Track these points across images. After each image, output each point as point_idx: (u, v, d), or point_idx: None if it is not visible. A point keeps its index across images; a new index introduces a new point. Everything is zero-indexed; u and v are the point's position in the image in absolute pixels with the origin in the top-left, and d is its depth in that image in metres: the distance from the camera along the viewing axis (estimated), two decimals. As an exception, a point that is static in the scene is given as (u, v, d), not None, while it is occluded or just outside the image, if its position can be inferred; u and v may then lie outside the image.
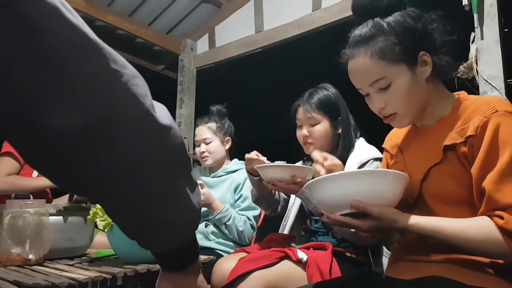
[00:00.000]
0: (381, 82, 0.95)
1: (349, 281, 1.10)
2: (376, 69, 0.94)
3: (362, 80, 0.98)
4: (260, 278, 1.28)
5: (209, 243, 1.92)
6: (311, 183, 0.92)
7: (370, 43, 0.94)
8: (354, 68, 0.99)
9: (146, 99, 0.50)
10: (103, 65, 0.45)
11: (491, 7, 1.84)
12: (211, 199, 1.88)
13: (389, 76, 0.94)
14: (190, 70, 3.38)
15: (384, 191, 0.87)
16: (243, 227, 1.90)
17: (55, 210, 1.27)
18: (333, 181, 0.88)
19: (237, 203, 2.00)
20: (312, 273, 1.29)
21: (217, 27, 3.31)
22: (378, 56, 0.93)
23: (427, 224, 0.87)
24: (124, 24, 3.06)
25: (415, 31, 0.94)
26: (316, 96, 1.58)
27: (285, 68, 3.99)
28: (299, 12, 2.71)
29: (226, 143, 2.11)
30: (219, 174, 2.11)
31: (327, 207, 0.91)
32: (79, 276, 0.97)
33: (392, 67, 0.93)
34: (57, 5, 0.43)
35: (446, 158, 0.92)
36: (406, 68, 0.94)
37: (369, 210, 0.85)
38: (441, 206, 0.93)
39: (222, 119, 2.13)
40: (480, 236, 0.82)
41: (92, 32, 0.46)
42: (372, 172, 0.90)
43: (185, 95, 3.34)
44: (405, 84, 0.94)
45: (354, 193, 0.86)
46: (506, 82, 1.78)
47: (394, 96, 0.95)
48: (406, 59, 0.94)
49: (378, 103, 0.98)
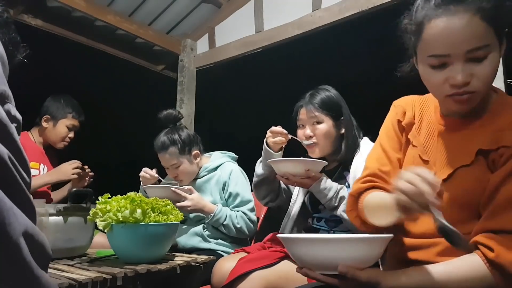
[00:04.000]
0: (482, 51, 0.80)
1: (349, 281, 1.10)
2: (484, 33, 0.79)
3: (461, 43, 0.80)
4: (260, 278, 1.28)
5: (209, 244, 1.91)
6: (294, 239, 0.89)
7: (483, 0, 0.79)
8: (453, 26, 0.80)
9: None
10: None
11: (491, 7, 1.84)
12: (201, 204, 1.83)
13: (491, 46, 0.80)
14: (190, 70, 3.38)
15: (373, 254, 0.85)
16: (240, 223, 1.88)
17: (55, 210, 1.27)
18: (321, 244, 0.84)
19: (228, 202, 1.96)
20: (312, 273, 1.29)
21: (217, 27, 3.31)
22: (490, 18, 0.78)
23: (412, 281, 0.83)
24: (124, 24, 3.06)
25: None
26: (318, 96, 1.58)
27: (285, 68, 4.00)
28: (299, 12, 2.71)
29: (194, 158, 1.99)
30: (201, 175, 2.03)
31: (308, 265, 0.88)
32: (79, 276, 0.97)
33: (495, 36, 0.80)
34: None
35: (477, 161, 0.87)
36: (498, 44, 0.82)
37: (356, 276, 0.81)
38: (459, 211, 0.88)
39: (181, 134, 1.96)
40: (468, 277, 0.80)
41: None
42: (363, 239, 0.85)
43: (185, 95, 3.34)
44: (498, 59, 0.82)
45: (342, 257, 0.82)
46: (506, 82, 1.78)
47: (486, 71, 0.81)
48: (504, 32, 0.81)
49: (465, 76, 0.81)
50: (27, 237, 0.42)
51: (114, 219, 1.14)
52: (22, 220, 0.42)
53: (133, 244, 1.16)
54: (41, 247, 0.45)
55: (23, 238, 0.41)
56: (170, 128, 2.00)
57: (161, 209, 1.22)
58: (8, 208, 0.40)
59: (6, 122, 0.44)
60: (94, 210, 1.18)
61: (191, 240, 1.93)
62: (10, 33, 0.61)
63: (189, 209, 1.82)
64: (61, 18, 2.89)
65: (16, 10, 2.71)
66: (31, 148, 2.24)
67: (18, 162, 0.45)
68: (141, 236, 1.15)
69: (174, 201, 1.80)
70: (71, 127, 2.34)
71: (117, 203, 1.16)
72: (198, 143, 2.04)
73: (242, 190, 1.95)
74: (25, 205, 0.43)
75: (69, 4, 2.73)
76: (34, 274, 0.42)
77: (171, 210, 1.25)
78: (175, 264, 1.18)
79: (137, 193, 1.23)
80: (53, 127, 2.30)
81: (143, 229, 1.14)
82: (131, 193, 1.21)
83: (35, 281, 0.42)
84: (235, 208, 1.93)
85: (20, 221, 0.41)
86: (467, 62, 0.81)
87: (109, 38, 3.17)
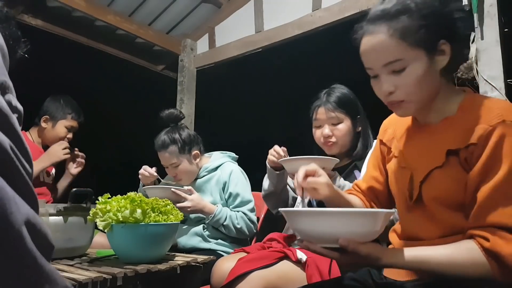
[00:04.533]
0: (396, 64, 0.89)
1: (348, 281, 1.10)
2: (394, 49, 0.88)
3: (377, 59, 0.91)
4: (259, 278, 1.28)
5: (209, 244, 1.91)
6: (296, 212, 0.90)
7: (393, 20, 0.88)
8: (370, 44, 0.91)
9: None
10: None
11: (491, 7, 1.84)
12: (201, 205, 1.83)
13: (406, 59, 0.88)
14: (190, 70, 3.38)
15: (373, 229, 0.85)
16: (240, 224, 1.88)
17: (55, 210, 1.27)
18: (322, 217, 0.85)
19: (228, 202, 1.96)
20: (312, 273, 1.29)
21: (217, 27, 3.31)
22: (399, 35, 0.87)
23: (411, 258, 0.85)
24: (124, 24, 3.06)
25: (442, 16, 0.88)
26: (335, 95, 1.59)
27: (285, 68, 4.00)
28: (299, 12, 2.71)
29: (194, 158, 1.98)
30: (201, 175, 2.02)
31: (309, 238, 0.89)
32: (79, 276, 0.97)
33: (411, 50, 0.87)
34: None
35: (449, 161, 0.90)
36: (424, 54, 0.88)
37: (357, 249, 0.83)
38: (440, 209, 0.92)
39: (181, 133, 1.96)
40: (466, 262, 0.81)
41: None
42: (365, 213, 0.86)
43: (185, 95, 3.34)
44: (420, 70, 0.88)
45: (343, 231, 0.83)
46: (506, 82, 1.78)
47: (406, 82, 0.89)
48: (427, 44, 0.88)
49: (387, 86, 0.91)
50: (29, 226, 0.42)
51: (114, 219, 1.14)
52: (24, 210, 0.42)
53: (133, 244, 1.16)
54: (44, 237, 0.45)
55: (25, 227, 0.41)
56: (171, 127, 2.00)
57: (161, 209, 1.22)
58: (10, 197, 0.40)
59: (7, 112, 0.44)
60: (94, 210, 1.18)
61: (191, 240, 1.93)
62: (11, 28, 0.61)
63: (189, 210, 1.82)
64: (61, 18, 2.89)
65: (16, 10, 2.71)
66: (30, 147, 2.23)
67: (20, 152, 0.45)
68: (141, 236, 1.15)
69: (174, 202, 1.82)
70: (70, 128, 2.33)
71: (117, 203, 1.16)
72: (198, 143, 2.03)
73: (242, 190, 1.95)
74: (27, 194, 0.44)
75: (69, 4, 2.73)
76: (37, 263, 0.42)
77: (171, 210, 1.25)
78: (175, 264, 1.18)
79: (137, 193, 1.23)
80: (52, 127, 2.30)
81: (143, 229, 1.15)
82: (131, 193, 1.21)
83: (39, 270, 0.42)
84: (235, 208, 1.93)
85: (22, 210, 0.41)
86: (390, 74, 0.90)
87: (109, 38, 3.17)
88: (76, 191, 1.39)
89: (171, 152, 1.92)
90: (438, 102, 0.96)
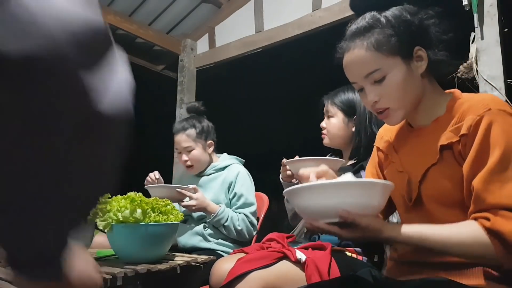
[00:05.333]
0: (376, 74, 0.94)
1: (348, 281, 1.10)
2: (371, 60, 0.94)
3: (357, 72, 0.97)
4: (258, 279, 1.28)
5: (209, 244, 1.91)
6: (296, 189, 0.89)
7: (366, 35, 0.94)
8: (349, 60, 0.98)
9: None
10: None
11: (491, 7, 1.84)
12: (205, 203, 1.85)
13: (384, 68, 0.93)
14: (190, 70, 3.38)
15: (372, 201, 0.86)
16: (241, 226, 1.89)
17: (55, 210, 1.27)
18: (323, 190, 0.86)
19: (232, 202, 1.97)
20: (311, 273, 1.29)
21: (217, 27, 3.31)
22: (374, 47, 0.93)
23: (413, 233, 0.86)
24: (124, 24, 3.06)
25: (412, 25, 0.94)
26: (337, 91, 1.67)
27: (285, 68, 4.00)
28: (299, 12, 2.71)
29: (209, 147, 2.03)
30: (208, 172, 2.05)
31: (312, 214, 0.89)
32: (79, 276, 0.96)
33: (387, 59, 0.93)
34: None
35: (443, 158, 0.92)
36: (401, 62, 0.94)
37: (357, 221, 0.84)
38: (439, 208, 0.93)
39: (201, 122, 2.03)
40: (468, 240, 0.82)
41: None
42: (361, 183, 0.87)
43: (185, 95, 3.34)
44: (399, 77, 0.93)
45: (342, 203, 0.84)
46: (506, 82, 1.78)
47: (388, 89, 0.94)
48: (402, 52, 0.93)
49: (372, 96, 0.96)
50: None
51: (114, 219, 1.14)
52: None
53: (133, 244, 1.16)
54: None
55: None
56: (192, 116, 2.08)
57: (161, 209, 1.22)
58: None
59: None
60: (94, 210, 1.19)
61: (192, 239, 1.93)
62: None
63: (194, 208, 1.84)
64: (61, 18, 2.89)
65: (16, 10, 2.71)
66: None
67: None
68: (141, 236, 1.15)
69: (179, 201, 1.83)
70: None
71: (117, 203, 1.17)
72: (214, 137, 2.09)
73: (247, 192, 1.96)
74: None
75: (69, 4, 2.74)
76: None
77: (171, 210, 1.25)
78: (175, 264, 1.18)
79: (137, 193, 1.23)
80: None
81: (143, 229, 1.15)
82: (131, 193, 1.21)
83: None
84: (238, 209, 1.94)
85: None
86: (372, 84, 0.96)
87: (109, 38, 3.18)
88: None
89: (189, 134, 1.98)
90: (425, 105, 0.99)
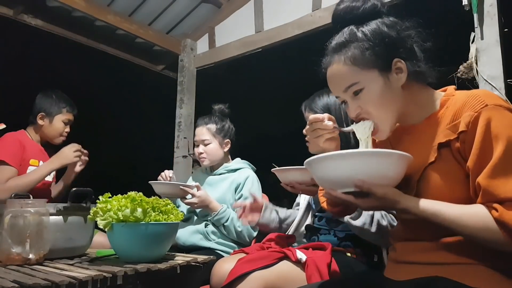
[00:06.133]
0: (354, 87, 0.96)
1: (348, 281, 1.10)
2: (349, 74, 0.96)
3: (338, 86, 1.00)
4: (259, 279, 1.28)
5: (209, 243, 1.92)
6: (315, 159, 0.92)
7: (344, 49, 0.97)
8: (330, 75, 1.01)
9: None
10: None
11: (491, 7, 1.84)
12: (207, 201, 1.88)
13: (362, 82, 0.96)
14: (190, 70, 3.38)
15: (388, 171, 0.87)
16: (241, 227, 1.91)
17: (55, 210, 1.27)
18: (338, 160, 0.88)
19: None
20: (311, 273, 1.29)
21: (217, 27, 3.31)
22: (351, 61, 0.96)
23: (427, 206, 0.88)
24: (124, 24, 3.06)
25: (388, 38, 0.95)
26: (314, 97, 1.60)
27: (285, 68, 4.00)
28: (299, 12, 2.71)
29: (225, 145, 2.11)
30: (219, 171, 2.11)
31: (329, 184, 0.92)
32: (79, 274, 0.97)
33: (364, 72, 0.95)
34: None
35: (441, 156, 0.92)
36: (379, 74, 0.95)
37: (373, 190, 0.86)
38: None
39: (223, 121, 2.13)
40: (478, 223, 0.83)
41: None
42: (377, 152, 0.89)
43: (185, 95, 3.34)
44: (377, 90, 0.95)
45: (359, 172, 0.86)
46: (506, 82, 1.78)
47: (367, 102, 0.97)
48: (378, 65, 0.95)
49: (353, 109, 0.99)
50: None
51: (114, 218, 1.14)
52: None
53: (134, 243, 1.16)
54: None
55: None
56: (216, 114, 2.16)
57: (161, 209, 1.22)
58: None
59: None
60: (95, 209, 1.18)
61: (192, 238, 1.94)
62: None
63: (195, 206, 1.87)
64: (61, 18, 2.89)
65: (16, 10, 2.71)
66: (30, 145, 2.23)
67: None
68: (142, 235, 1.15)
69: (182, 197, 1.85)
70: (67, 121, 2.33)
71: (117, 202, 1.16)
72: (232, 138, 2.15)
73: None
74: None
75: (69, 4, 2.73)
76: None
77: (171, 209, 1.25)
78: (175, 263, 1.18)
79: (137, 192, 1.23)
80: (49, 123, 2.28)
81: (144, 228, 1.15)
82: (131, 192, 1.21)
83: None
84: None
85: None
86: (352, 98, 0.99)
87: (109, 38, 3.18)
88: (76, 190, 1.38)
89: (209, 128, 2.08)
90: (414, 106, 1.00)
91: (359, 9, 0.98)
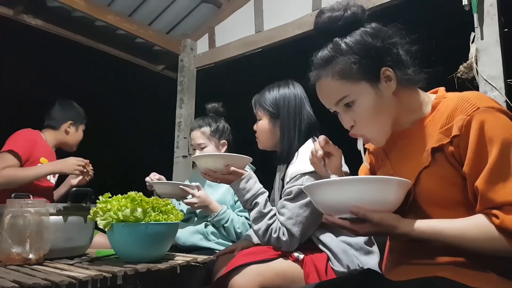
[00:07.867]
0: (345, 100, 0.96)
1: (348, 281, 1.10)
2: (338, 88, 0.96)
3: (329, 100, 1.00)
4: (256, 274, 1.28)
5: (209, 243, 1.92)
6: (313, 185, 0.92)
7: (329, 65, 0.96)
8: (319, 89, 1.01)
9: None
10: None
11: (491, 7, 1.84)
12: (207, 201, 1.87)
13: (352, 94, 0.95)
14: (190, 70, 3.38)
15: (386, 198, 0.86)
16: (241, 229, 1.91)
17: (55, 210, 1.27)
18: (334, 186, 0.88)
19: (237, 204, 2.00)
20: (309, 271, 1.30)
21: (217, 27, 3.31)
22: (339, 76, 0.95)
23: (426, 228, 0.87)
24: (124, 24, 3.06)
25: (372, 49, 0.94)
26: (264, 91, 1.62)
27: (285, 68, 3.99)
28: (299, 12, 2.71)
29: (221, 146, 2.08)
30: None
31: (326, 210, 0.92)
32: (79, 274, 0.96)
33: (353, 85, 0.95)
34: None
35: (435, 160, 0.92)
36: (369, 86, 0.95)
37: (368, 217, 0.85)
38: (436, 210, 0.92)
39: (217, 121, 2.09)
40: (481, 235, 0.83)
41: None
42: (374, 179, 0.89)
43: (185, 95, 3.34)
44: (369, 101, 0.95)
45: (355, 199, 0.85)
46: (506, 82, 1.78)
47: (360, 114, 0.96)
48: (367, 76, 0.94)
49: (347, 121, 0.99)
50: None
51: (114, 218, 1.14)
52: None
53: (133, 243, 1.16)
54: None
55: None
56: (210, 115, 2.13)
57: (161, 209, 1.22)
58: None
59: None
60: (95, 209, 1.18)
61: (192, 238, 1.95)
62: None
63: (195, 206, 1.86)
64: (61, 18, 2.89)
65: (16, 10, 2.71)
66: (42, 145, 2.31)
67: None
68: (142, 235, 1.15)
69: (182, 198, 1.85)
70: (84, 131, 2.49)
71: (117, 202, 1.16)
72: (228, 138, 2.12)
73: None
74: None
75: (69, 4, 2.74)
76: None
77: (171, 209, 1.25)
78: (175, 263, 1.18)
79: (137, 192, 1.23)
80: (75, 132, 2.42)
81: (144, 228, 1.15)
82: (131, 193, 1.21)
83: None
84: (241, 212, 1.96)
85: None
86: (345, 109, 0.98)
87: (109, 38, 3.18)
88: (76, 190, 1.38)
89: (203, 132, 2.04)
90: (407, 111, 1.00)
91: (340, 19, 0.96)
